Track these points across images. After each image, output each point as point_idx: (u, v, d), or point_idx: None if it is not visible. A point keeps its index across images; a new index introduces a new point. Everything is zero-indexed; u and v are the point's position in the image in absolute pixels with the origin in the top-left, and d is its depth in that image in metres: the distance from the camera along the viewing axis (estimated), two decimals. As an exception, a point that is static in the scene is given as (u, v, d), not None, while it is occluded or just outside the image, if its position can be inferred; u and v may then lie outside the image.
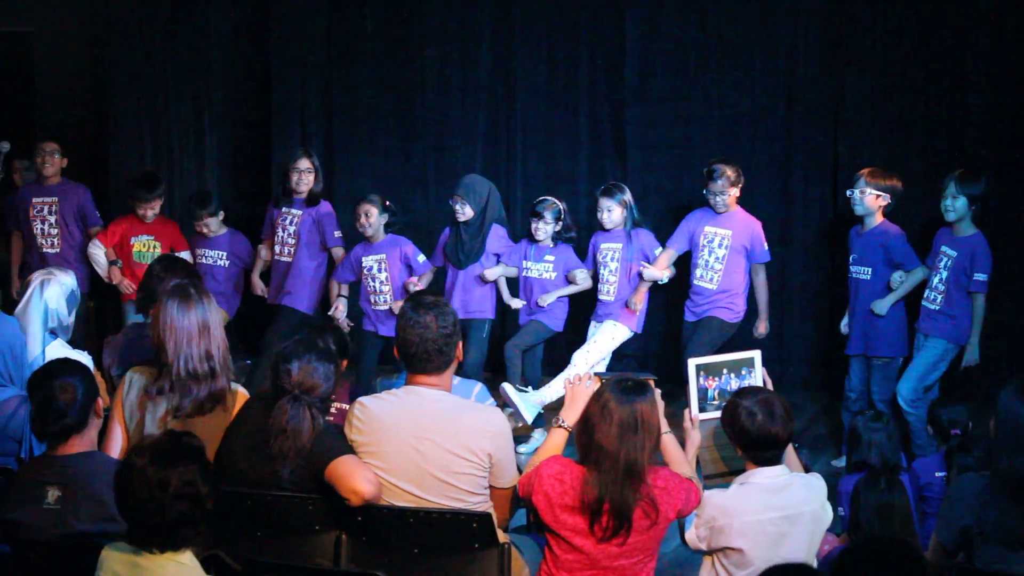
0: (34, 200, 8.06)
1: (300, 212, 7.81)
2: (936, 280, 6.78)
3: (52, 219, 8.07)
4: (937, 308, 6.78)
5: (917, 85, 8.01)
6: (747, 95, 8.38)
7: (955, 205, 6.69)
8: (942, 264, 6.76)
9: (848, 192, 7.01)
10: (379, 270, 7.49)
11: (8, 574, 3.82)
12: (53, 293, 5.20)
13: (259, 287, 8.07)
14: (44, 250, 8.02)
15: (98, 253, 7.99)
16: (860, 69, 8.11)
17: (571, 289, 7.47)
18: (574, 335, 7.69)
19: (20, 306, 5.19)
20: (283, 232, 7.84)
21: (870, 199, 6.90)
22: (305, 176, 7.75)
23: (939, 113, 7.97)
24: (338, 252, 7.80)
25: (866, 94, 8.10)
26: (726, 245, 7.26)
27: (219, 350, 4.44)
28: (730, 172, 7.19)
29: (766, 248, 7.33)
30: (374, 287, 7.51)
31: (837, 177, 8.15)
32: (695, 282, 7.37)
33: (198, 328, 4.41)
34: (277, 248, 7.88)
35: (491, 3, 8.86)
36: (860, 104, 8.14)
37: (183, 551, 3.25)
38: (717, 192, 7.20)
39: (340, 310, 7.63)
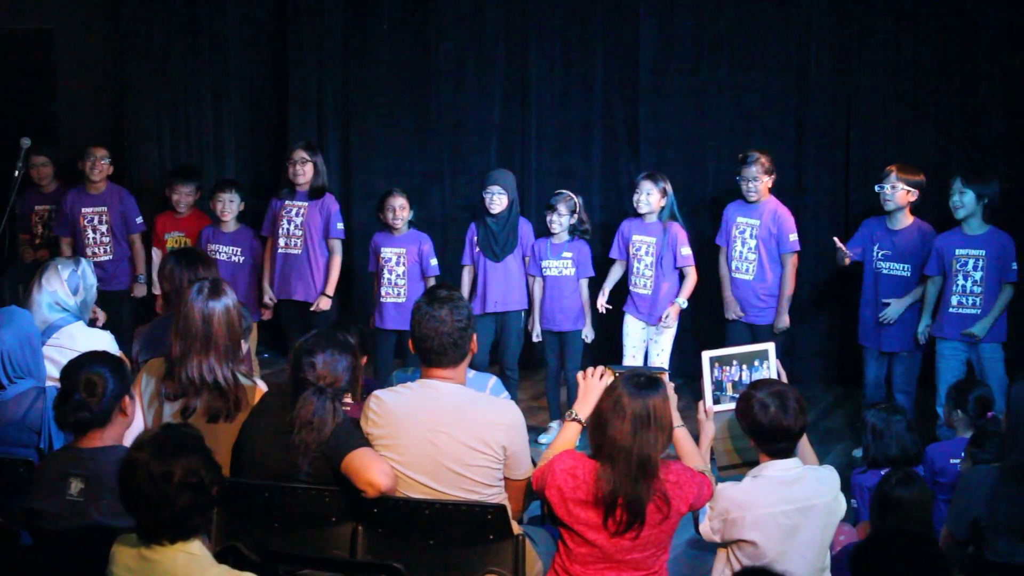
0: (84, 210, 8.06)
1: (305, 204, 7.75)
2: (968, 283, 6.69)
3: (103, 228, 8.10)
4: (979, 312, 6.67)
5: (929, 81, 8.02)
6: (760, 90, 8.41)
7: (963, 200, 6.65)
8: (968, 266, 6.69)
9: (877, 187, 6.94)
10: (397, 263, 7.52)
11: (29, 564, 3.87)
12: (51, 277, 5.28)
13: (268, 294, 7.90)
14: (98, 259, 7.96)
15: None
16: (872, 65, 8.13)
17: (588, 304, 7.47)
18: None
19: (30, 298, 5.28)
20: (289, 224, 7.75)
21: (901, 194, 6.84)
22: (300, 167, 7.68)
23: (951, 108, 7.98)
24: (336, 244, 7.77)
25: (878, 89, 8.12)
26: (755, 235, 7.26)
27: (224, 364, 4.43)
28: (764, 160, 7.21)
29: (792, 238, 7.28)
30: (390, 279, 7.53)
31: (849, 172, 8.18)
32: (732, 275, 7.36)
33: (201, 339, 4.42)
34: (283, 241, 7.76)
35: (506, -1, 8.92)
36: (872, 99, 8.16)
37: (192, 540, 3.28)
38: (750, 178, 7.20)
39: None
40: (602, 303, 7.45)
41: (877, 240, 7.04)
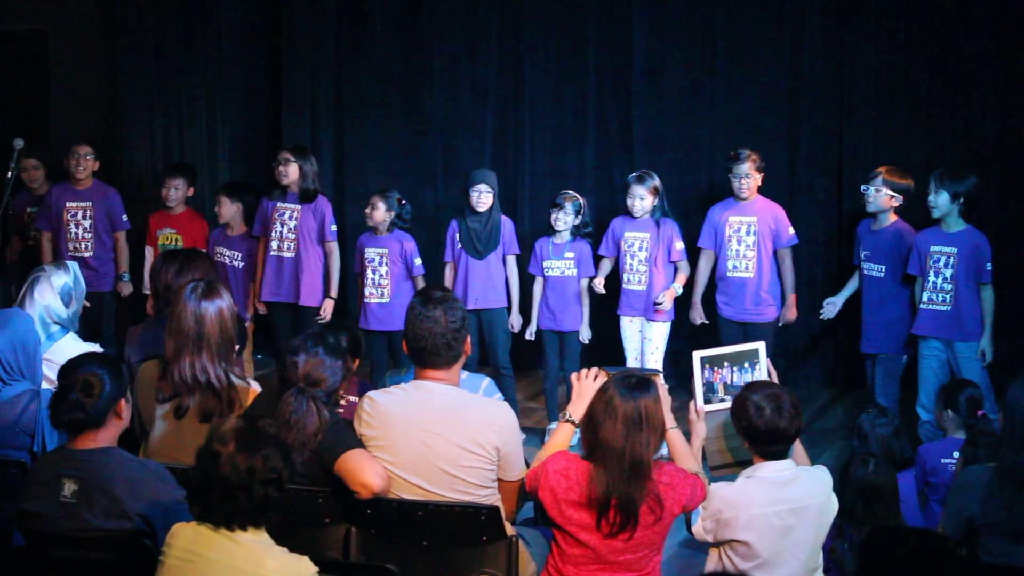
0: (68, 204, 8.05)
1: (298, 207, 7.73)
2: (939, 280, 6.67)
3: (87, 223, 8.08)
4: (949, 309, 6.65)
5: (922, 81, 8.04)
6: (753, 92, 8.43)
7: (937, 201, 6.62)
8: (941, 263, 6.66)
9: (863, 187, 6.95)
10: (380, 263, 7.53)
11: (22, 565, 3.86)
12: (44, 291, 5.27)
13: (256, 296, 7.91)
14: (79, 254, 7.96)
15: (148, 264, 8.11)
16: (865, 66, 8.15)
17: (587, 304, 7.50)
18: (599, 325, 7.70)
19: (16, 304, 5.27)
20: (282, 227, 7.74)
21: (884, 198, 6.85)
22: (284, 167, 7.65)
23: (944, 109, 8.00)
24: (332, 247, 7.78)
25: (871, 91, 8.14)
26: (754, 232, 7.26)
27: (216, 364, 4.44)
28: (755, 157, 7.23)
29: (791, 232, 7.31)
30: (374, 279, 7.54)
31: (842, 173, 8.20)
32: (729, 274, 7.33)
33: (194, 338, 4.43)
34: (275, 244, 7.75)
35: (499, 0, 8.89)
36: (865, 101, 8.17)
37: (261, 529, 3.35)
38: (742, 175, 7.20)
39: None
40: (599, 283, 7.39)
41: (863, 241, 7.07)
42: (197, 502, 3.36)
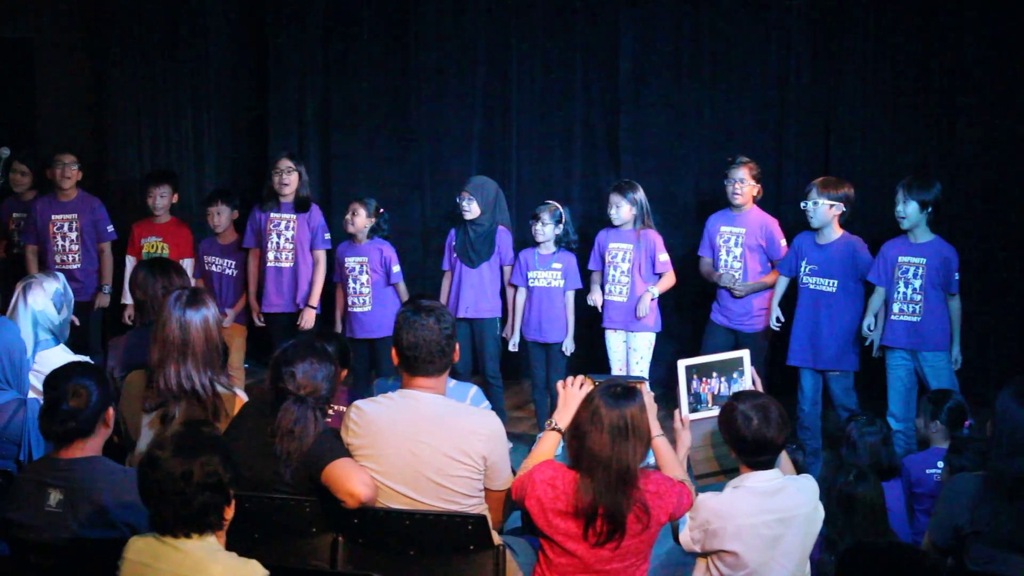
0: (54, 216, 8.01)
1: (294, 217, 7.75)
2: (908, 291, 6.66)
3: (73, 235, 8.05)
4: (919, 320, 6.66)
5: (909, 92, 8.05)
6: (739, 101, 8.44)
7: (906, 211, 6.61)
8: (910, 274, 6.67)
9: (802, 204, 6.90)
10: (360, 272, 7.52)
11: (7, 575, 3.85)
12: (37, 297, 5.25)
13: (256, 311, 7.91)
14: (66, 266, 7.92)
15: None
16: (852, 76, 8.17)
17: (572, 316, 7.49)
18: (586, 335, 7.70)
19: (8, 314, 5.23)
20: (278, 237, 7.76)
21: (824, 210, 6.80)
22: (286, 177, 7.69)
23: (930, 120, 8.01)
24: (322, 255, 7.80)
25: (858, 101, 8.16)
26: (740, 243, 7.27)
27: (202, 372, 4.45)
28: (752, 165, 7.24)
29: (783, 244, 7.28)
30: (355, 288, 7.55)
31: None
32: (719, 285, 7.35)
33: (179, 347, 4.43)
34: (272, 254, 7.76)
35: (487, 9, 8.91)
36: (851, 111, 8.19)
37: (207, 536, 3.33)
38: (736, 179, 7.20)
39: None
40: (598, 299, 7.40)
41: (805, 255, 6.99)
42: (146, 507, 3.37)
